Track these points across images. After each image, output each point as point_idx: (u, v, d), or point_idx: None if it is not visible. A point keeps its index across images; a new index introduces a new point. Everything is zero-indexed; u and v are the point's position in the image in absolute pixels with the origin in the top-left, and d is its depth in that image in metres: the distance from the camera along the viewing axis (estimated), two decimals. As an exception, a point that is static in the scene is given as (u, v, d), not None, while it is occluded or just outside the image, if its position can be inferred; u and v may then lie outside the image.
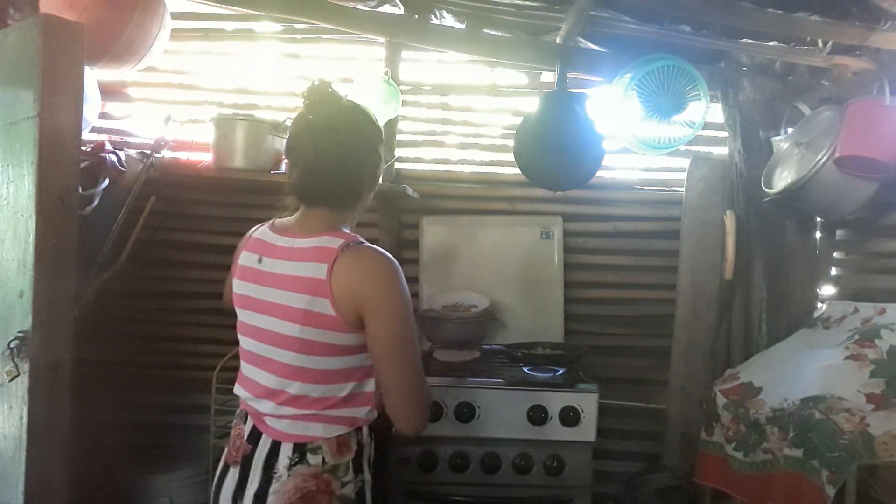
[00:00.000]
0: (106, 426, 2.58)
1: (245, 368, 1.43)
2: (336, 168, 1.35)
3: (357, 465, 1.35)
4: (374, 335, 1.29)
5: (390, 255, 1.34)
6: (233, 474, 1.38)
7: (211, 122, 2.43)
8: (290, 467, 1.30)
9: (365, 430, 1.39)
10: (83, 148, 2.15)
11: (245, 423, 1.41)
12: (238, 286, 1.43)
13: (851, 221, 2.46)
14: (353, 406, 1.35)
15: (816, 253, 2.62)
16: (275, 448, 1.33)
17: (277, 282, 1.34)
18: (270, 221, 1.47)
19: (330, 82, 1.39)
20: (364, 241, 1.35)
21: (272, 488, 1.30)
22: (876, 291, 2.29)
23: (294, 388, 1.32)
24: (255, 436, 1.37)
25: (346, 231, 1.38)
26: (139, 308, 2.75)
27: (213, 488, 1.44)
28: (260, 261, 1.39)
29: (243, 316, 1.42)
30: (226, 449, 1.45)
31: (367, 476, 1.38)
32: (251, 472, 1.33)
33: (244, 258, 1.44)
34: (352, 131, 1.37)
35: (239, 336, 1.45)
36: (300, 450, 1.31)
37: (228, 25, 2.78)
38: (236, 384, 1.46)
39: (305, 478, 1.29)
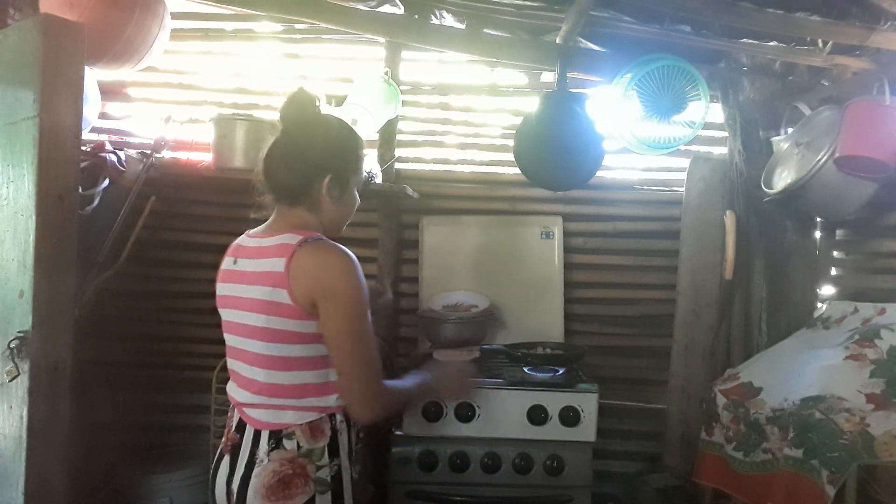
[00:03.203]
0: (106, 426, 2.57)
1: (229, 363, 1.54)
2: (285, 166, 1.47)
3: (332, 450, 1.42)
4: (325, 322, 1.38)
5: (346, 250, 1.41)
6: (226, 462, 1.48)
7: (211, 122, 2.43)
8: (268, 453, 1.39)
9: (338, 416, 1.46)
10: (83, 148, 2.16)
11: (234, 414, 1.52)
12: (218, 288, 1.55)
13: (851, 221, 2.46)
14: (322, 394, 1.43)
15: (816, 253, 2.62)
16: (256, 436, 1.42)
17: (246, 278, 1.45)
18: (248, 231, 1.59)
19: (309, 94, 1.49)
20: (323, 237, 1.43)
21: (254, 472, 1.39)
22: (876, 291, 2.29)
23: (264, 376, 1.42)
24: (241, 426, 1.46)
25: (310, 231, 1.46)
26: (139, 308, 2.75)
27: (210, 476, 1.54)
28: (235, 262, 1.52)
29: (223, 314, 1.53)
30: (222, 439, 1.55)
31: (345, 462, 1.44)
32: (239, 459, 1.43)
33: (224, 263, 1.57)
34: (307, 136, 1.48)
35: (224, 334, 1.54)
36: (276, 436, 1.40)
37: (228, 25, 2.78)
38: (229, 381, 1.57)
39: (282, 462, 1.38)
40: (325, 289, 1.36)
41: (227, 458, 1.47)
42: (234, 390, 1.50)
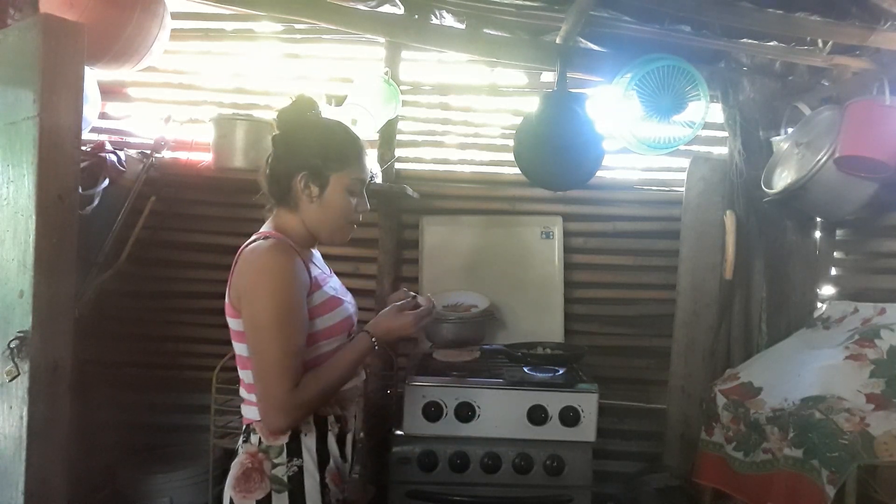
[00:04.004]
0: (106, 426, 2.58)
1: None
2: (272, 164, 1.51)
3: (293, 449, 1.42)
4: (244, 323, 1.39)
5: (279, 252, 1.39)
6: None
7: (211, 122, 2.43)
8: (241, 445, 1.45)
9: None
10: (83, 148, 2.16)
11: None
12: None
13: (851, 221, 2.46)
14: None
15: (816, 253, 2.62)
16: (243, 429, 1.49)
17: None
18: None
19: (307, 100, 1.52)
20: (273, 236, 1.43)
21: (233, 462, 1.46)
22: (876, 291, 2.29)
23: (240, 372, 1.48)
24: None
25: (281, 232, 1.47)
26: (139, 308, 2.75)
27: None
28: None
29: None
30: None
31: (310, 465, 1.43)
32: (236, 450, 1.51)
33: None
34: (291, 138, 1.50)
35: None
36: (247, 430, 1.46)
37: (228, 25, 2.78)
38: None
39: (247, 455, 1.43)
40: (243, 287, 1.38)
41: None
42: None
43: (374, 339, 1.50)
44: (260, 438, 1.41)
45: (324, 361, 1.44)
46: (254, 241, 1.44)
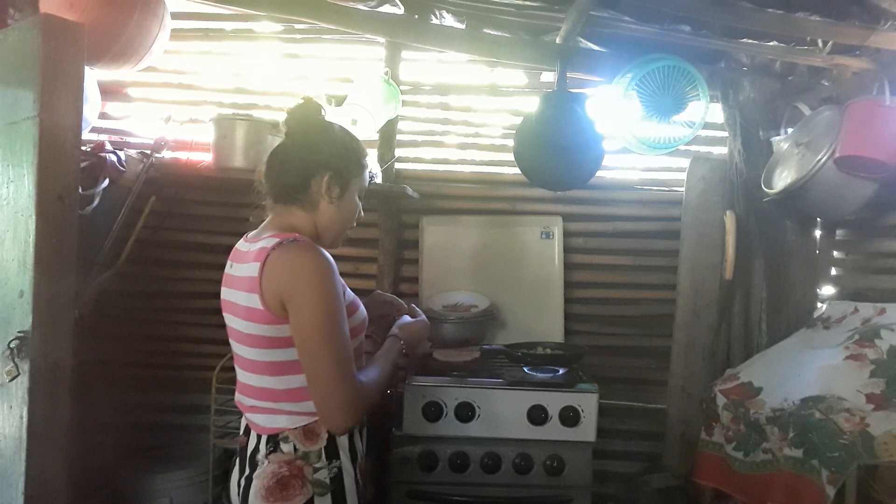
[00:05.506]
0: (106, 426, 2.57)
1: (235, 368, 1.54)
2: (285, 166, 1.50)
3: (330, 451, 1.42)
4: (294, 326, 1.35)
5: (320, 250, 1.39)
6: (237, 463, 1.51)
7: (211, 122, 2.43)
8: (267, 455, 1.41)
9: None
10: (83, 148, 2.16)
11: (243, 418, 1.54)
12: (222, 292, 1.55)
13: (851, 221, 2.46)
14: (310, 398, 1.40)
15: (816, 253, 2.62)
16: (258, 440, 1.44)
17: (235, 283, 1.46)
18: (246, 234, 1.58)
19: (315, 102, 1.53)
20: (300, 238, 1.41)
21: (255, 473, 1.41)
22: (876, 291, 2.30)
23: (256, 381, 1.43)
24: (248, 429, 1.49)
25: (296, 232, 1.45)
26: (139, 308, 2.75)
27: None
28: (231, 266, 1.52)
29: (225, 318, 1.53)
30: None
31: (347, 463, 1.44)
32: (246, 461, 1.46)
33: (226, 267, 1.56)
34: (309, 138, 1.51)
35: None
36: (273, 440, 1.42)
37: (228, 25, 2.78)
38: None
39: (280, 464, 1.40)
40: (290, 289, 1.33)
41: (237, 459, 1.51)
42: (238, 395, 1.51)
43: (402, 343, 1.64)
44: (295, 445, 1.40)
45: None
46: (280, 242, 1.38)
